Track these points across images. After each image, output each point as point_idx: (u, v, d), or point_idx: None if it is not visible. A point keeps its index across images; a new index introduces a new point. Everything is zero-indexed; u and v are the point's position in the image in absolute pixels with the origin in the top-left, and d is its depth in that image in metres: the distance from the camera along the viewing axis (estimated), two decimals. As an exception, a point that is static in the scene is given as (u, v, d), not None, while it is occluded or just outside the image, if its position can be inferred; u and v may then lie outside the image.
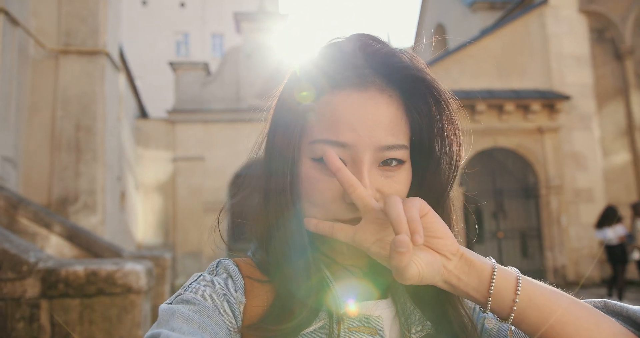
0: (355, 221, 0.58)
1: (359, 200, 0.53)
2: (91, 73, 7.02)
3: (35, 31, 6.79)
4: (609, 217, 7.76)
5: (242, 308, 0.58)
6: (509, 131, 10.18)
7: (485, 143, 9.99)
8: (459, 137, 0.63)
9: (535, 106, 10.01)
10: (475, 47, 10.63)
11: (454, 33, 16.67)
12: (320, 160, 0.59)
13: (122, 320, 2.47)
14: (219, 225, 0.74)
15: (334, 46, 0.63)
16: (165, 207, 9.76)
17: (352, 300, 0.61)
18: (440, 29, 18.28)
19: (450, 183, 0.64)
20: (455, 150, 0.63)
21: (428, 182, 0.64)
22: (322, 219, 0.59)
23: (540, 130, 10.20)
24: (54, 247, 4.68)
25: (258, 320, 0.58)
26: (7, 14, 5.72)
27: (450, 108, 0.61)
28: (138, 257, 4.09)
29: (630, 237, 7.48)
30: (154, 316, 3.00)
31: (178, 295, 0.58)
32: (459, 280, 0.54)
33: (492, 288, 0.53)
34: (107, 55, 7.19)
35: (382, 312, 0.63)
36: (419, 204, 0.52)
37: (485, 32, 11.00)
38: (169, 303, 0.57)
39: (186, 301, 0.56)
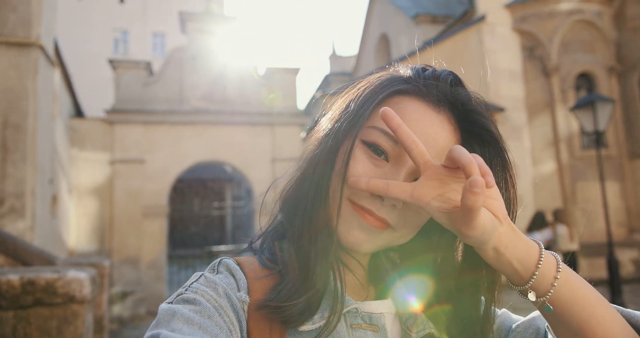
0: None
1: (419, 156, 0.54)
2: (22, 66, 6.52)
3: (-43, 18, 6.21)
4: (537, 222, 8.29)
5: (246, 307, 0.58)
6: (449, 140, 10.62)
7: (427, 151, 10.36)
8: (515, 191, 0.63)
9: (473, 117, 10.53)
10: (419, 58, 11.03)
11: (397, 43, 17.21)
12: (370, 145, 0.61)
13: (63, 333, 2.29)
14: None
15: (428, 68, 0.68)
16: (101, 211, 9.21)
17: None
18: (384, 39, 18.81)
19: None
20: (511, 208, 0.62)
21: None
22: (339, 194, 0.60)
23: (477, 140, 10.74)
24: (-25, 255, 4.27)
25: (266, 297, 0.58)
26: None
27: (510, 167, 0.64)
28: (74, 264, 3.82)
29: (553, 241, 8.03)
30: (96, 327, 2.82)
31: (179, 295, 0.57)
32: (506, 248, 0.54)
33: (541, 262, 0.54)
34: (41, 48, 6.72)
35: (384, 310, 0.65)
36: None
37: (427, 44, 11.46)
38: (169, 303, 0.56)
39: (187, 301, 0.55)
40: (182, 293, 0.57)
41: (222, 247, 11.29)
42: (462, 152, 0.48)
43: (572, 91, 11.29)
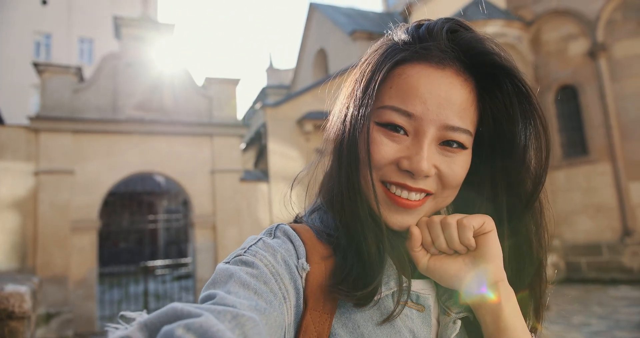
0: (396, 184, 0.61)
1: None
2: None
3: None
4: None
5: (305, 275, 0.58)
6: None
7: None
8: (545, 124, 0.63)
9: (409, 130, 11.02)
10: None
11: (334, 58, 17.63)
12: (384, 126, 0.61)
13: (1, 353, 2.09)
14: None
15: (421, 25, 0.64)
16: (23, 226, 8.46)
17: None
18: (322, 54, 19.20)
19: (543, 177, 0.64)
20: (543, 138, 0.63)
21: (515, 177, 0.64)
22: (368, 179, 0.60)
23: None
24: None
25: (334, 280, 0.58)
26: None
27: (531, 95, 0.62)
28: (3, 280, 3.49)
29: None
30: (34, 347, 2.59)
31: (237, 256, 0.57)
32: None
33: None
34: (-42, 48, 6.15)
35: (430, 291, 0.66)
36: (477, 222, 0.60)
37: (365, 60, 11.85)
38: (226, 262, 0.56)
39: (245, 263, 0.55)
40: (240, 255, 0.57)
41: (159, 262, 10.79)
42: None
43: (497, 108, 12.18)
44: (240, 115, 13.27)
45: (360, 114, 0.61)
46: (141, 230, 22.51)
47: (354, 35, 15.78)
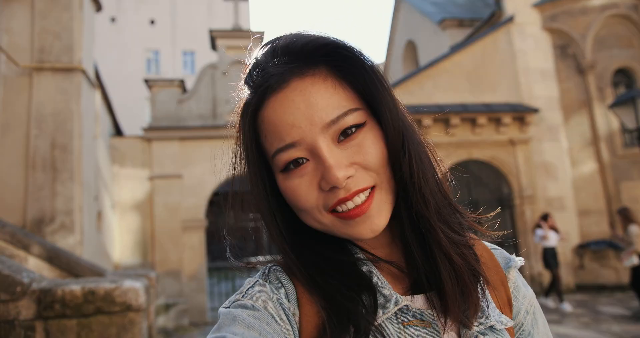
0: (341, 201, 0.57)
1: None
2: (66, 90, 6.87)
3: (7, 48, 6.62)
4: (628, 218, 7.62)
5: (296, 319, 0.59)
6: (482, 143, 10.48)
7: (460, 155, 10.25)
8: (378, 73, 0.62)
9: (507, 119, 10.37)
10: (448, 63, 10.97)
11: (424, 50, 17.15)
12: (286, 170, 0.60)
13: (123, 340, 2.40)
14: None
15: (251, 65, 0.66)
16: (142, 226, 9.53)
17: (408, 291, 0.62)
18: (411, 46, 18.77)
19: (399, 128, 0.60)
20: (380, 88, 0.61)
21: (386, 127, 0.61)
22: (317, 218, 0.60)
23: (512, 142, 10.55)
24: (32, 269, 4.50)
25: (319, 334, 0.57)
26: (-20, 30, 5.56)
27: (354, 52, 0.61)
28: (127, 275, 3.98)
29: (627, 241, 7.40)
30: (150, 335, 2.93)
31: (235, 301, 0.59)
32: None
33: None
34: (83, 72, 7.07)
35: (429, 304, 0.63)
36: None
37: (456, 49, 11.38)
38: (226, 307, 0.58)
39: (245, 307, 0.57)
40: (239, 300, 0.58)
41: (260, 259, 11.44)
42: None
43: (610, 88, 10.95)
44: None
45: (261, 183, 0.63)
46: (245, 228, 23.92)
47: (443, 24, 15.21)
